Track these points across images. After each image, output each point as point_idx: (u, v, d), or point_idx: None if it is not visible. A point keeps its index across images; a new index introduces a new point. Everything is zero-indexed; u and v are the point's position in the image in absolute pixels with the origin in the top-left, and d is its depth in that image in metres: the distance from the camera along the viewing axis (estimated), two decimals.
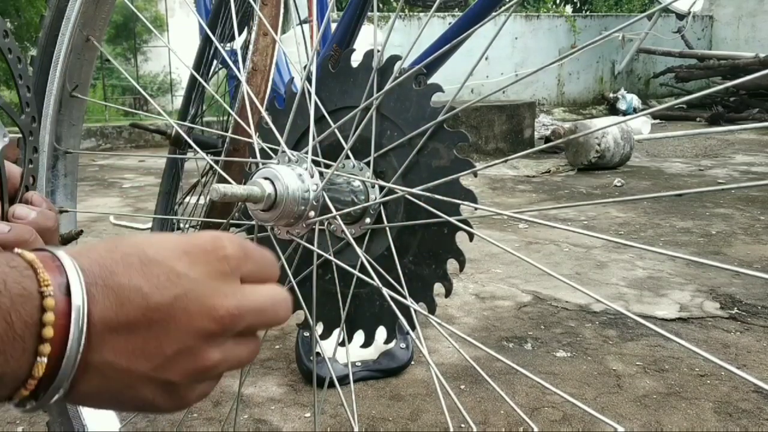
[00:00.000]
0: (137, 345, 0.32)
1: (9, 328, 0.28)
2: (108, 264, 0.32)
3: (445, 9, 6.94)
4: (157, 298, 0.32)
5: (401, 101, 0.48)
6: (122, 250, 0.33)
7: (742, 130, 5.19)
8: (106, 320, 0.31)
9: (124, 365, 0.32)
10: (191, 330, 0.33)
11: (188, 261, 0.34)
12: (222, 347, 0.34)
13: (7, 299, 0.29)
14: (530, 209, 0.45)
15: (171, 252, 0.34)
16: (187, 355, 0.33)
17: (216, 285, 0.34)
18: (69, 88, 0.74)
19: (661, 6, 4.55)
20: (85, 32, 0.73)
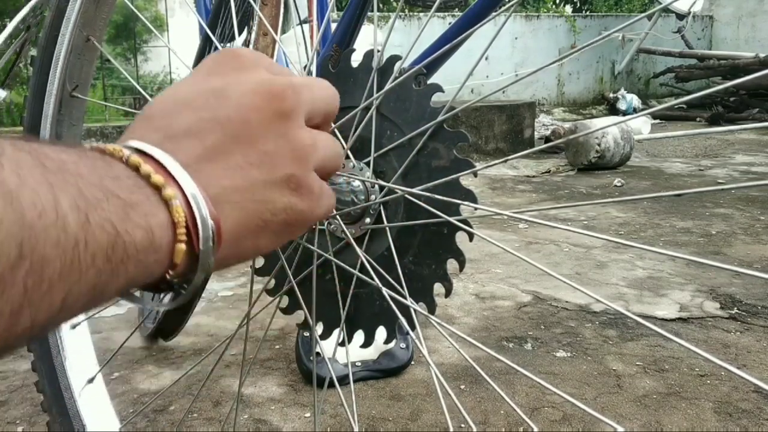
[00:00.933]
0: (240, 159, 0.32)
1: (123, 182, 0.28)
2: (159, 125, 0.32)
3: (445, 9, 6.94)
4: (222, 113, 0.32)
5: (401, 101, 0.48)
6: (158, 110, 0.33)
7: (742, 130, 5.19)
8: (195, 158, 0.31)
9: (241, 183, 0.32)
10: (268, 118, 0.33)
11: (218, 76, 0.34)
12: (303, 128, 0.34)
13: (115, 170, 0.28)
14: (530, 209, 0.45)
15: (198, 81, 0.34)
16: (283, 140, 0.33)
17: (254, 76, 0.34)
18: (69, 88, 0.74)
19: (661, 6, 4.55)
20: (85, 32, 0.73)
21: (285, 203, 0.33)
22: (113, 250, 0.26)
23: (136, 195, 0.27)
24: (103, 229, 0.26)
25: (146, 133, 0.31)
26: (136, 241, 0.27)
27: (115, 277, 0.26)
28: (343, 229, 0.51)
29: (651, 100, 8.05)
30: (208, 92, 0.33)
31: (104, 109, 6.18)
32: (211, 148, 0.31)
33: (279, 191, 0.33)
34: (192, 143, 0.31)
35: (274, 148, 0.33)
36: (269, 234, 0.34)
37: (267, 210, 0.33)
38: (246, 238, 0.32)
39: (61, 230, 0.24)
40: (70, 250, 0.24)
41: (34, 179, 0.24)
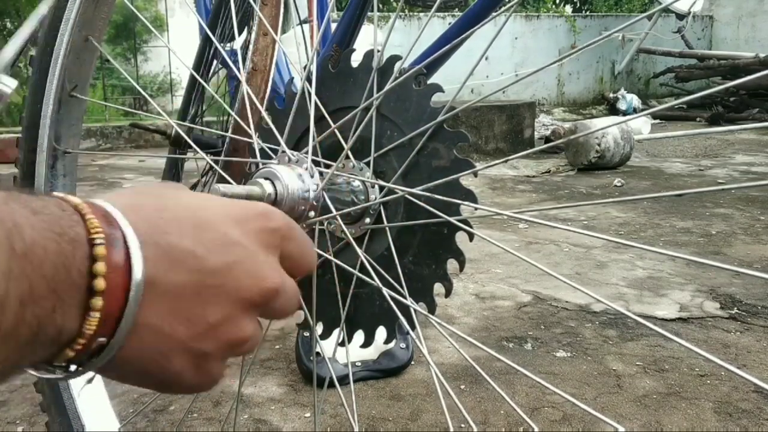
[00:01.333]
0: (182, 310, 0.30)
1: (66, 275, 0.26)
2: (159, 223, 0.30)
3: (445, 9, 6.94)
4: (210, 263, 0.31)
5: (401, 101, 0.48)
6: (173, 212, 0.31)
7: (742, 130, 5.19)
8: (156, 280, 0.29)
9: (165, 330, 0.30)
10: (238, 299, 0.32)
11: (241, 229, 0.32)
12: (253, 321, 0.33)
13: (67, 244, 0.26)
14: (530, 209, 0.45)
15: (224, 217, 0.32)
16: (228, 324, 0.32)
17: (265, 257, 0.33)
18: (68, 87, 0.74)
19: (661, 6, 4.55)
20: (84, 32, 0.73)
21: (178, 371, 0.32)
22: (26, 346, 0.26)
23: (73, 296, 0.27)
24: (30, 327, 0.25)
25: (140, 220, 0.30)
26: (44, 337, 0.26)
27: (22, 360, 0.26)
28: (343, 229, 0.51)
29: (651, 100, 8.05)
30: (220, 234, 0.32)
31: (104, 109, 6.18)
32: (173, 279, 0.30)
33: (184, 359, 0.31)
34: (164, 264, 0.29)
35: (214, 324, 0.31)
36: (142, 379, 0.32)
37: (158, 365, 0.31)
38: (123, 367, 0.31)
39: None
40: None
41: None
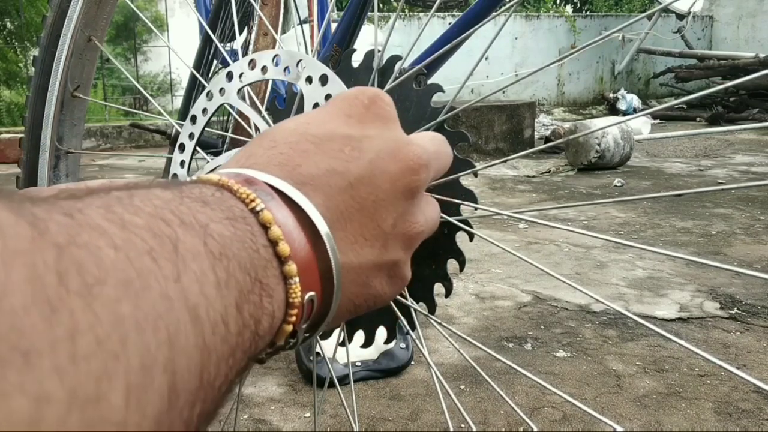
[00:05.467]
0: (358, 233, 0.28)
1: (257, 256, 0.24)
2: (284, 161, 0.28)
3: (445, 9, 6.94)
4: (354, 172, 0.28)
5: (401, 101, 0.48)
6: (286, 142, 0.29)
7: (742, 130, 5.19)
8: (324, 216, 0.27)
9: (354, 261, 0.28)
10: (398, 191, 0.30)
11: (356, 121, 0.30)
12: (420, 207, 0.32)
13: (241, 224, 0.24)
14: (530, 209, 0.45)
15: (334, 121, 0.30)
16: (402, 222, 0.30)
17: (393, 133, 0.31)
18: (71, 88, 0.75)
19: (661, 6, 4.56)
20: (86, 32, 0.73)
21: (378, 291, 0.30)
22: (250, 346, 0.24)
23: (269, 274, 0.25)
24: (249, 327, 0.23)
25: (269, 165, 0.27)
26: (262, 330, 0.24)
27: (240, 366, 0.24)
28: None
29: (651, 100, 8.05)
30: (343, 138, 0.29)
31: (104, 109, 6.18)
32: (335, 209, 0.28)
33: (379, 277, 0.30)
34: (318, 197, 0.27)
35: (391, 229, 0.30)
36: (348, 316, 0.31)
37: (362, 295, 0.30)
38: (340, 311, 0.29)
39: (226, 343, 0.21)
40: (225, 360, 0.22)
41: (207, 280, 0.21)
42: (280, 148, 0.29)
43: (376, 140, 0.30)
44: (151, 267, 0.19)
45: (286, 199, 0.26)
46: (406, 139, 0.31)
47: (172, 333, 0.19)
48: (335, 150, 0.29)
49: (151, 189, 0.23)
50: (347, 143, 0.29)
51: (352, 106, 0.31)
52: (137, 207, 0.21)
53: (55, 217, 0.18)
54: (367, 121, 0.31)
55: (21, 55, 6.63)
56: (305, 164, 0.28)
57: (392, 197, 0.29)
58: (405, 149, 0.30)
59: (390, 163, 0.30)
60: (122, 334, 0.17)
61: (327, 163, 0.28)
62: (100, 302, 0.17)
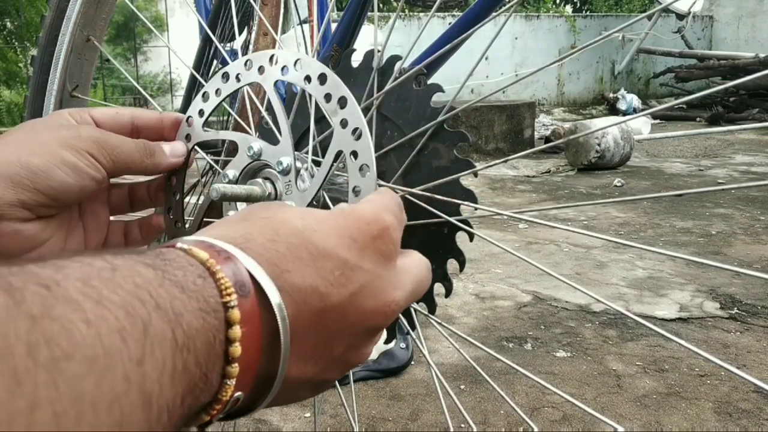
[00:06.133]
0: (308, 349, 0.29)
1: (212, 351, 0.25)
2: (276, 260, 0.28)
3: (445, 9, 6.94)
4: (334, 299, 0.29)
5: (401, 101, 0.48)
6: (286, 240, 0.29)
7: (742, 130, 5.19)
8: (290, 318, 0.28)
9: (295, 374, 0.29)
10: (362, 328, 0.31)
11: (357, 249, 0.31)
12: (373, 339, 0.33)
13: (211, 317, 0.25)
14: (530, 209, 0.45)
15: (338, 239, 0.31)
16: (351, 352, 0.31)
17: (385, 273, 0.32)
18: (69, 87, 0.74)
19: (661, 6, 4.57)
20: (85, 32, 0.73)
21: (299, 397, 0.32)
22: (176, 427, 0.24)
23: (215, 369, 0.25)
24: (183, 416, 0.24)
25: (262, 258, 0.28)
26: (189, 417, 0.25)
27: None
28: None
29: (651, 100, 8.05)
30: (339, 261, 0.30)
31: None
32: (300, 323, 0.28)
33: (308, 390, 0.32)
34: (291, 308, 0.28)
35: (340, 356, 0.31)
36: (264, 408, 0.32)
37: (283, 399, 0.31)
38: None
39: (164, 427, 0.22)
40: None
41: (165, 369, 0.22)
42: (279, 245, 0.29)
43: (367, 275, 0.31)
44: (119, 346, 0.20)
45: (259, 295, 0.27)
46: (393, 283, 0.32)
47: (125, 416, 0.19)
48: (327, 270, 0.29)
49: (135, 265, 0.24)
50: (340, 267, 0.30)
51: (360, 231, 0.32)
52: (117, 284, 0.22)
53: (31, 287, 0.18)
54: (368, 252, 0.31)
55: (21, 55, 6.63)
56: (294, 272, 0.28)
57: (354, 331, 0.31)
58: (388, 294, 0.32)
59: (368, 302, 0.31)
60: (79, 412, 0.17)
61: (313, 279, 0.29)
62: (64, 378, 0.17)
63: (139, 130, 0.46)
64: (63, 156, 0.40)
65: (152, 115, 0.47)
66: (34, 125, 0.43)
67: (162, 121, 0.47)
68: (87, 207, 0.47)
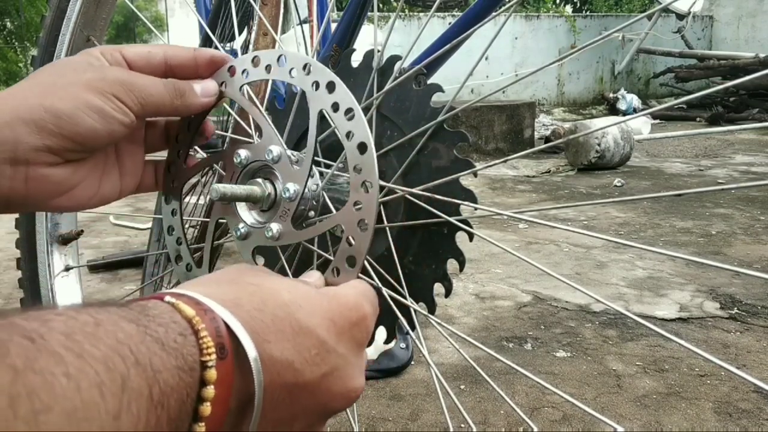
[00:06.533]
0: (272, 421, 0.30)
1: (183, 408, 0.25)
2: (260, 329, 0.29)
3: (445, 9, 6.94)
4: (306, 377, 0.31)
5: (401, 101, 0.48)
6: (272, 312, 0.31)
7: (742, 130, 5.19)
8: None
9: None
10: (326, 409, 0.33)
11: (336, 332, 0.33)
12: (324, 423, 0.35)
13: (187, 375, 0.26)
14: (530, 209, 0.45)
15: (320, 319, 0.32)
16: (309, 430, 0.33)
17: (355, 360, 0.34)
18: None
19: (661, 6, 4.56)
20: (85, 32, 0.73)
21: None
22: None
23: (184, 424, 0.26)
24: None
25: (247, 324, 0.29)
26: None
27: None
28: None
29: (651, 100, 8.05)
30: (317, 341, 0.31)
31: None
32: (270, 394, 0.29)
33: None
34: (266, 377, 0.29)
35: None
36: None
37: None
38: None
39: None
40: None
41: (140, 423, 0.22)
42: (265, 315, 0.30)
43: (339, 359, 0.32)
44: (97, 400, 0.20)
45: (237, 359, 0.28)
46: (360, 370, 0.34)
47: None
48: (305, 347, 0.31)
49: (118, 321, 0.24)
50: (317, 347, 0.31)
51: (342, 316, 0.34)
52: (99, 338, 0.22)
53: (16, 339, 0.19)
54: (344, 337, 0.33)
55: (21, 55, 6.62)
56: (273, 344, 0.30)
57: (317, 410, 0.32)
58: (355, 381, 0.34)
59: (337, 385, 0.32)
60: None
61: (291, 354, 0.30)
62: (43, 430, 0.18)
63: (173, 69, 0.44)
64: (88, 100, 0.39)
65: (186, 54, 0.45)
66: (60, 66, 0.41)
67: (196, 59, 0.45)
68: (124, 147, 0.45)
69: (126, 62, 0.43)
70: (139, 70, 0.43)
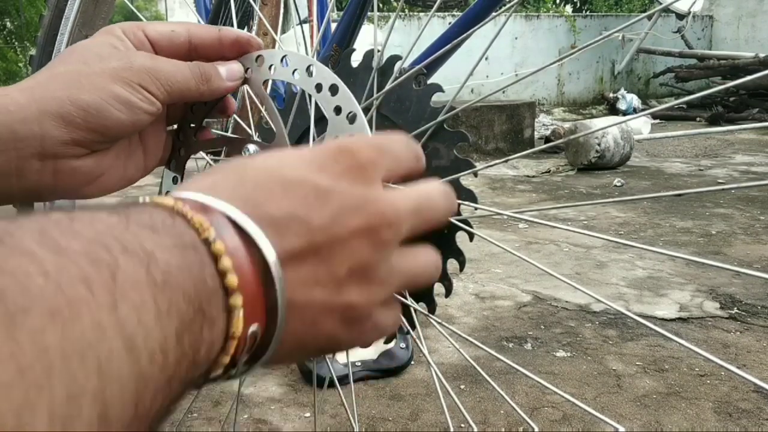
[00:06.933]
0: (309, 274, 0.28)
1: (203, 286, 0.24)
2: (248, 196, 0.28)
3: (445, 9, 6.94)
4: (315, 220, 0.28)
5: (401, 101, 0.48)
6: (254, 179, 0.29)
7: (742, 130, 5.19)
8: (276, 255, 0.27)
9: (302, 299, 0.28)
10: (356, 244, 0.29)
11: (329, 176, 0.30)
12: (389, 261, 0.31)
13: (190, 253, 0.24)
14: (530, 209, 0.45)
15: (306, 168, 0.30)
16: (360, 271, 0.30)
17: (362, 191, 0.30)
18: None
19: (661, 6, 4.57)
20: (84, 32, 0.73)
21: (329, 332, 0.30)
22: (187, 375, 0.23)
23: (213, 304, 0.24)
24: (187, 357, 0.23)
25: (232, 198, 0.27)
26: (199, 358, 0.24)
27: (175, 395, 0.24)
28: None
29: (651, 100, 8.05)
30: (311, 187, 0.29)
31: None
32: (288, 249, 0.27)
33: (331, 319, 0.30)
34: (274, 236, 0.27)
35: (347, 276, 0.29)
36: (300, 354, 0.31)
37: (310, 334, 0.29)
38: (278, 353, 0.29)
39: (163, 371, 0.21)
40: (162, 390, 0.22)
41: (146, 309, 0.21)
42: (247, 184, 0.28)
43: (343, 195, 0.30)
44: (83, 295, 0.19)
45: (240, 232, 0.26)
46: (376, 197, 0.31)
47: (104, 363, 0.18)
48: (300, 196, 0.29)
49: (95, 213, 0.22)
50: (313, 192, 0.29)
51: (327, 158, 0.31)
52: (76, 232, 0.20)
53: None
54: (339, 175, 0.30)
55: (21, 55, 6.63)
56: (267, 204, 0.28)
57: (351, 248, 0.29)
58: (370, 206, 0.30)
59: (352, 218, 0.29)
60: (46, 364, 0.16)
61: (290, 206, 0.28)
62: (23, 331, 0.16)
63: (197, 49, 0.43)
64: (115, 91, 0.38)
65: (210, 33, 0.43)
66: (83, 51, 0.40)
67: (221, 39, 0.43)
68: (148, 128, 0.44)
69: (149, 42, 0.42)
70: (163, 50, 0.42)
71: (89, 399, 0.18)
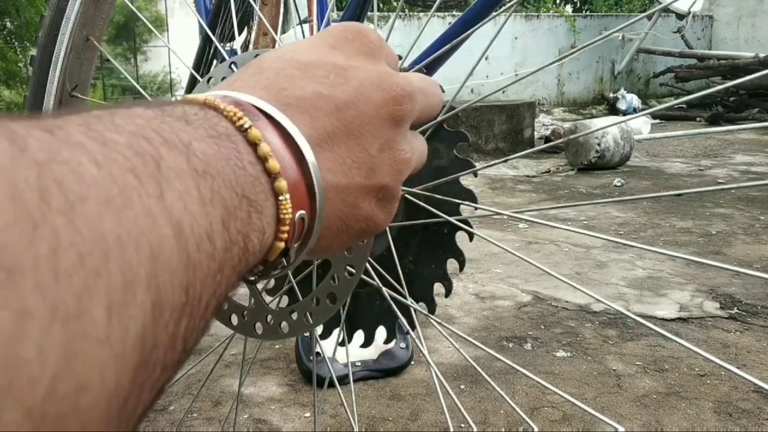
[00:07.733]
0: (345, 155, 0.29)
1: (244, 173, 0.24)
2: (270, 84, 0.28)
3: (445, 9, 6.94)
4: (339, 96, 0.29)
5: None
6: (272, 68, 0.29)
7: (742, 130, 5.19)
8: (309, 136, 0.28)
9: (342, 182, 0.29)
10: (381, 119, 0.30)
11: (342, 53, 0.31)
12: (406, 137, 0.33)
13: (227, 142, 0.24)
14: (530, 209, 0.45)
15: (320, 50, 0.31)
16: (388, 148, 0.31)
17: (377, 67, 0.32)
18: (69, 87, 0.74)
19: (661, 6, 4.55)
20: (85, 32, 0.73)
21: (368, 212, 0.31)
22: (239, 262, 0.24)
23: (257, 191, 0.25)
24: (237, 244, 0.23)
25: (255, 89, 0.28)
26: (251, 246, 0.24)
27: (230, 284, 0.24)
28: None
29: (651, 100, 8.05)
30: (329, 65, 0.30)
31: None
32: (321, 130, 0.28)
33: (368, 199, 0.31)
34: (304, 119, 0.28)
35: (378, 154, 0.30)
36: (343, 238, 0.32)
37: (352, 215, 0.31)
38: (324, 238, 0.30)
39: (212, 259, 0.22)
40: (213, 277, 0.22)
41: (191, 198, 0.21)
42: (266, 73, 0.29)
43: (360, 70, 0.30)
44: (133, 184, 0.19)
45: (270, 119, 0.27)
46: (391, 72, 0.32)
47: (156, 249, 0.19)
48: (320, 76, 0.29)
49: (132, 108, 0.23)
50: (332, 70, 0.30)
51: (337, 37, 0.32)
52: (118, 125, 0.21)
53: (34, 133, 0.17)
54: (352, 53, 0.31)
55: (21, 55, 6.63)
56: (291, 87, 0.28)
57: (377, 124, 0.30)
58: (389, 80, 0.31)
59: (374, 92, 0.30)
60: (104, 251, 0.17)
61: (313, 87, 0.29)
62: (82, 219, 0.17)
63: None
64: None
65: None
66: None
67: None
68: None
69: None
70: None
71: (143, 285, 0.18)
